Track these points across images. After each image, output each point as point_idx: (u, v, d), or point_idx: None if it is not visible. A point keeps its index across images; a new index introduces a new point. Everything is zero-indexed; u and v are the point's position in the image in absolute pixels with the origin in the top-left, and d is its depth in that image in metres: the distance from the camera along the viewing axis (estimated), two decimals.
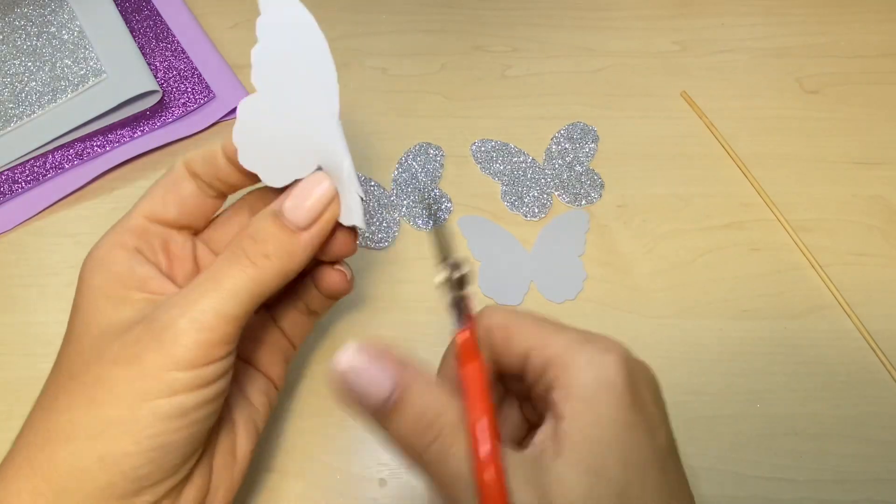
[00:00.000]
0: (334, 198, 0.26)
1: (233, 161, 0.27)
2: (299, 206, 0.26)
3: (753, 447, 0.36)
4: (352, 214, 0.27)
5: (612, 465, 0.21)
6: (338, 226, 0.27)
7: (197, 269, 0.30)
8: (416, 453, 0.22)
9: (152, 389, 0.23)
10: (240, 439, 0.28)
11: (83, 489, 0.23)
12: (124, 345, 0.24)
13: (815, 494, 0.34)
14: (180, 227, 0.29)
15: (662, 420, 0.24)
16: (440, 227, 0.25)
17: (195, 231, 0.30)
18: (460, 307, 0.25)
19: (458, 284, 0.25)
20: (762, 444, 0.36)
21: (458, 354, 0.23)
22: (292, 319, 0.32)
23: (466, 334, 0.24)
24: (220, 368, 0.24)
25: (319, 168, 0.27)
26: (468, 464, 0.21)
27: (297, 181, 0.27)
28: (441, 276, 0.25)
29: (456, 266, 0.25)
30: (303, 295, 0.31)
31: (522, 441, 0.26)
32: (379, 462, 0.35)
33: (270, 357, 0.31)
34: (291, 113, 0.25)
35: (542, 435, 0.23)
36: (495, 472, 0.20)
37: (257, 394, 0.30)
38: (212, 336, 0.24)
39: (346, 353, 0.22)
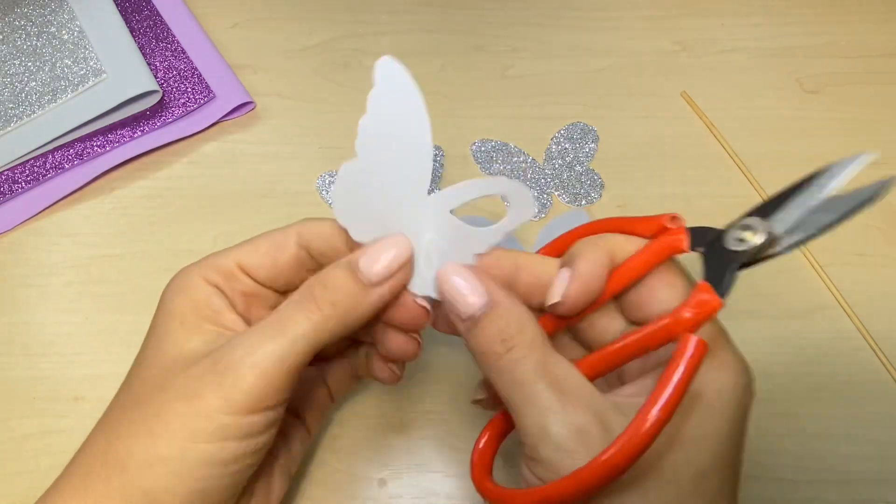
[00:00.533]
0: (407, 262, 0.26)
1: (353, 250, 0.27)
2: (373, 262, 0.26)
3: (753, 447, 0.36)
4: (424, 285, 0.27)
5: (710, 475, 0.25)
6: (410, 293, 0.27)
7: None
8: (491, 360, 0.24)
9: (205, 431, 0.23)
10: (275, 485, 0.29)
11: None
12: (188, 378, 0.24)
13: (816, 494, 0.34)
14: (267, 287, 0.29)
15: (743, 441, 0.27)
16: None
17: (282, 292, 0.30)
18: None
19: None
20: (762, 444, 0.36)
21: (686, 309, 0.24)
22: (338, 377, 0.33)
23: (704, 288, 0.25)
24: (272, 417, 0.25)
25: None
26: (534, 375, 0.23)
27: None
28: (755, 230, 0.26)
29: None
30: (352, 358, 0.32)
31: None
32: (379, 462, 0.35)
33: (312, 408, 0.32)
34: (385, 182, 0.27)
35: (631, 390, 0.25)
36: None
37: (296, 441, 0.31)
38: (270, 382, 0.24)
39: (453, 265, 0.25)
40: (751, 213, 0.25)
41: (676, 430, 0.24)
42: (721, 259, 0.25)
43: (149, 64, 0.44)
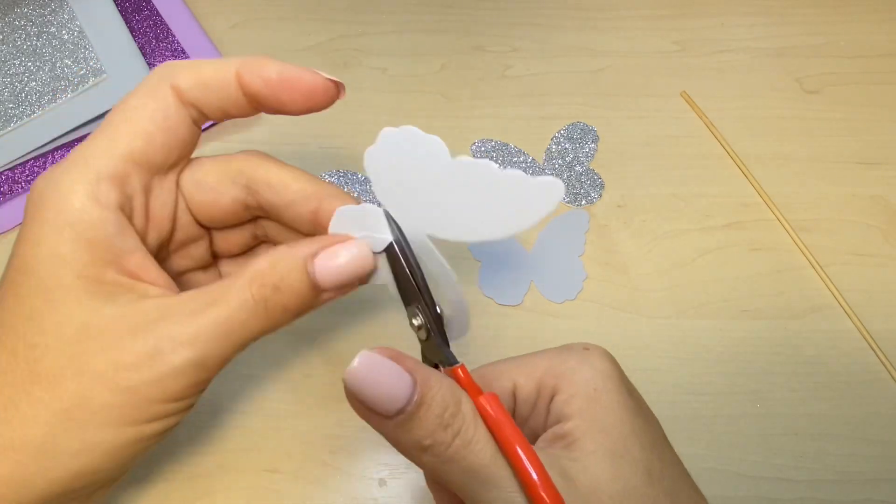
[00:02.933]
0: (366, 274, 0.25)
1: (250, 92, 0.25)
2: (331, 271, 0.24)
3: (753, 447, 0.36)
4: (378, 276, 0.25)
5: (631, 446, 0.23)
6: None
7: (172, 229, 0.27)
8: (439, 453, 0.21)
9: (140, 417, 0.22)
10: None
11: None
12: (118, 369, 0.22)
13: (815, 494, 0.34)
14: (166, 170, 0.25)
15: (647, 405, 0.26)
16: (411, 262, 0.24)
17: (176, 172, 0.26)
18: (447, 344, 0.24)
19: (439, 323, 0.24)
20: (762, 444, 0.36)
21: (463, 387, 0.23)
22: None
23: (464, 367, 0.23)
24: (201, 394, 0.24)
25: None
26: (490, 451, 0.21)
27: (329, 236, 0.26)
28: (418, 320, 0.24)
29: (432, 303, 0.24)
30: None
31: None
32: (379, 462, 0.35)
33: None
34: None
35: (542, 442, 0.24)
36: (553, 495, 0.20)
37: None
38: (209, 373, 0.23)
39: (361, 360, 0.21)
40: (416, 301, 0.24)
41: (587, 444, 0.23)
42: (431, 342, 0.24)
43: (149, 64, 0.44)
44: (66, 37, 0.44)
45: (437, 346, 0.24)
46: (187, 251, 0.29)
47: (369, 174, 0.25)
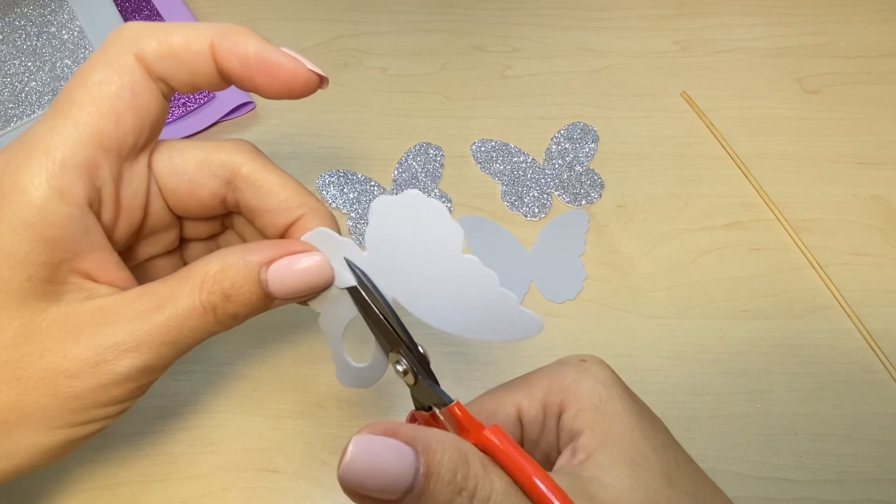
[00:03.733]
0: (321, 287, 0.24)
1: (224, 69, 0.23)
2: (285, 277, 0.23)
3: (753, 447, 0.36)
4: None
5: (645, 451, 0.22)
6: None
7: (143, 217, 0.25)
8: None
9: (77, 421, 0.22)
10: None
11: None
12: (59, 376, 0.21)
13: (815, 494, 0.34)
14: (137, 154, 0.23)
15: (650, 408, 0.25)
16: (382, 309, 0.23)
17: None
18: (437, 383, 0.23)
19: (425, 365, 0.23)
20: (762, 444, 0.36)
21: (463, 426, 0.22)
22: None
23: (460, 405, 0.22)
24: (143, 393, 0.23)
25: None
26: (511, 498, 0.20)
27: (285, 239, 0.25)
28: (403, 365, 0.23)
29: (414, 347, 0.23)
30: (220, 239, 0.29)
31: None
32: None
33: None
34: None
35: (563, 460, 0.23)
36: None
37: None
38: (152, 380, 0.23)
39: (354, 449, 0.18)
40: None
41: (595, 448, 0.22)
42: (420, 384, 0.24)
43: None
44: (66, 37, 0.44)
45: (427, 387, 0.23)
46: (156, 238, 0.27)
47: (370, 219, 0.23)
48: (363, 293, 0.24)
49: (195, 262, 0.23)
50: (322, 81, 0.24)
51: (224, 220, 0.29)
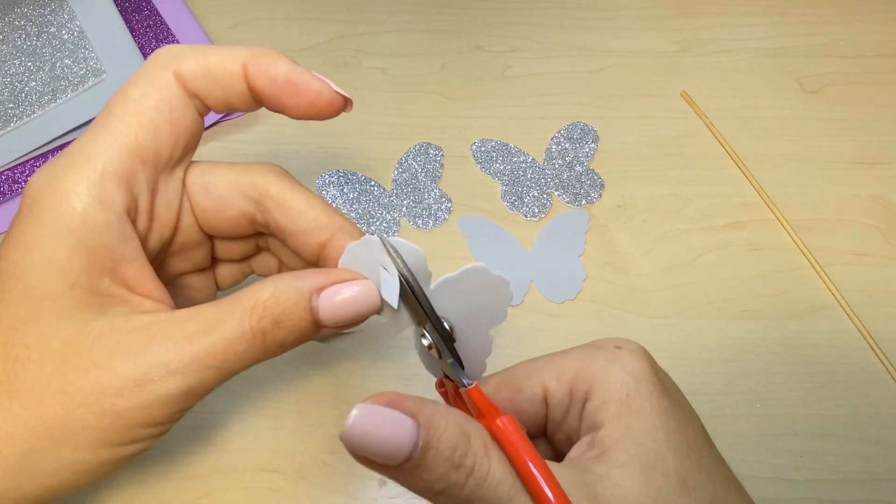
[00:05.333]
0: (369, 314, 0.23)
1: (255, 88, 0.24)
2: (334, 308, 0.23)
3: (753, 447, 0.36)
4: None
5: (665, 455, 0.21)
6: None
7: (174, 231, 0.25)
8: (455, 494, 0.20)
9: (121, 440, 0.22)
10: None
11: None
12: (105, 393, 0.21)
13: (815, 494, 0.34)
14: (172, 166, 0.24)
15: (687, 401, 0.24)
16: (411, 285, 0.23)
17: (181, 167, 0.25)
18: (460, 364, 0.23)
19: (448, 342, 0.23)
20: (762, 444, 0.36)
21: (480, 409, 0.22)
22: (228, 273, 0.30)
23: (479, 389, 0.22)
24: (183, 416, 0.23)
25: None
26: (508, 483, 0.20)
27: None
28: (427, 340, 0.23)
29: (439, 323, 0.23)
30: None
31: None
32: None
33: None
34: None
35: (578, 450, 0.23)
36: None
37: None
38: (195, 403, 0.22)
39: (356, 415, 0.19)
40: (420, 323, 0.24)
41: (610, 448, 0.22)
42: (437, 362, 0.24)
43: None
44: (66, 37, 0.44)
45: (449, 366, 0.23)
46: (187, 255, 0.27)
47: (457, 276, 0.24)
48: (396, 266, 0.23)
49: (246, 289, 0.23)
50: (346, 103, 0.25)
51: (258, 242, 0.29)
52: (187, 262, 0.28)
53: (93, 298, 0.21)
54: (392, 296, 0.23)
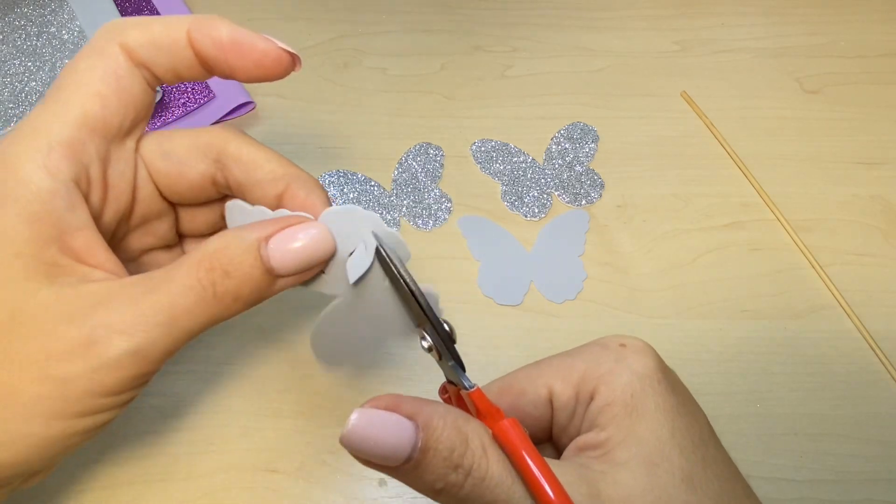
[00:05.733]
0: (325, 260, 0.23)
1: (200, 52, 0.24)
2: (286, 250, 0.22)
3: (753, 447, 0.36)
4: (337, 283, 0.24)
5: (670, 452, 0.21)
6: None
7: (132, 201, 0.25)
8: (454, 493, 0.20)
9: (72, 411, 0.21)
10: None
11: None
12: (49, 359, 0.20)
13: (815, 494, 0.34)
14: (123, 136, 0.24)
15: (693, 398, 0.24)
16: (409, 285, 0.23)
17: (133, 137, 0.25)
18: (461, 366, 0.23)
19: (449, 343, 0.23)
20: (762, 444, 0.36)
21: (482, 411, 0.22)
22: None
23: (480, 392, 0.22)
24: (141, 388, 0.23)
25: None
26: (507, 483, 0.20)
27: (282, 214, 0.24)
28: (427, 342, 0.23)
29: (439, 325, 0.23)
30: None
31: None
32: None
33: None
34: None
35: (578, 446, 0.23)
36: None
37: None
38: (147, 367, 0.22)
39: (355, 420, 0.19)
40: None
41: (617, 450, 0.22)
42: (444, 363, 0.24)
43: None
44: (66, 37, 0.44)
45: (450, 367, 0.23)
46: (150, 227, 0.27)
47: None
48: (392, 267, 0.23)
49: (194, 248, 0.23)
50: (294, 60, 0.25)
51: (224, 214, 0.29)
52: (151, 236, 0.27)
53: (39, 267, 0.21)
54: (355, 270, 0.23)
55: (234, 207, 0.26)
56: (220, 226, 0.29)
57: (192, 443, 0.34)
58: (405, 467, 0.20)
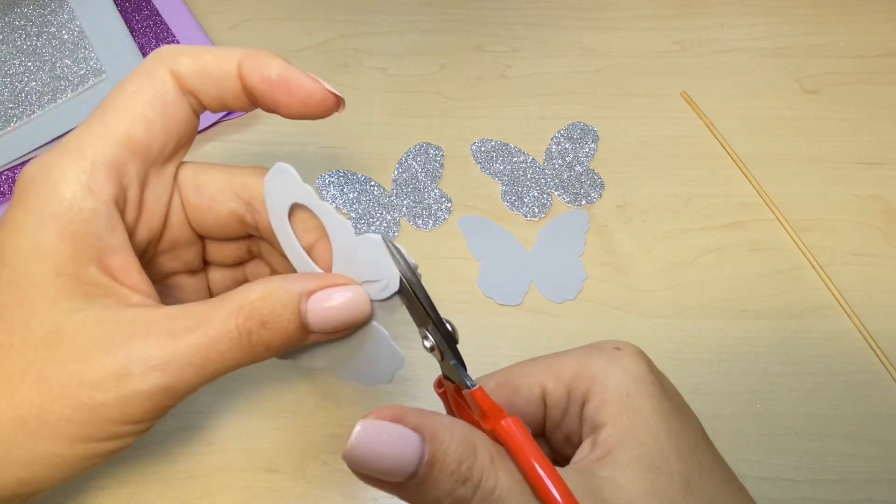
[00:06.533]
0: (361, 322, 0.23)
1: (248, 86, 0.24)
2: (325, 315, 0.22)
3: (753, 447, 0.36)
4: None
5: (668, 455, 0.21)
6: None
7: (163, 226, 0.25)
8: None
9: (97, 436, 0.21)
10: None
11: None
12: (83, 385, 0.21)
13: (815, 494, 0.34)
14: (164, 161, 0.24)
15: (686, 403, 0.24)
16: (412, 285, 0.23)
17: (173, 163, 0.25)
18: (463, 365, 0.23)
19: (451, 343, 0.23)
20: (762, 444, 0.36)
21: (484, 411, 0.22)
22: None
23: (483, 391, 0.22)
24: (161, 417, 0.23)
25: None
26: (517, 493, 0.20)
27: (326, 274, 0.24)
28: (429, 341, 0.23)
29: (441, 324, 0.23)
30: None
31: None
32: None
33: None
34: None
35: (582, 452, 0.23)
36: None
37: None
38: (173, 398, 0.22)
39: (359, 432, 0.19)
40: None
41: (614, 448, 0.22)
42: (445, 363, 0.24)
43: None
44: (66, 37, 0.44)
45: (452, 367, 0.23)
46: (177, 253, 0.27)
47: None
48: (405, 281, 0.23)
49: (236, 289, 0.23)
50: (339, 103, 0.25)
51: (251, 247, 0.29)
52: (178, 262, 0.28)
53: (78, 287, 0.21)
54: (383, 292, 0.23)
55: (279, 172, 0.24)
56: (244, 259, 0.29)
57: (191, 443, 0.34)
58: (410, 483, 0.19)
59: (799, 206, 0.42)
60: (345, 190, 0.42)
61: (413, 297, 0.23)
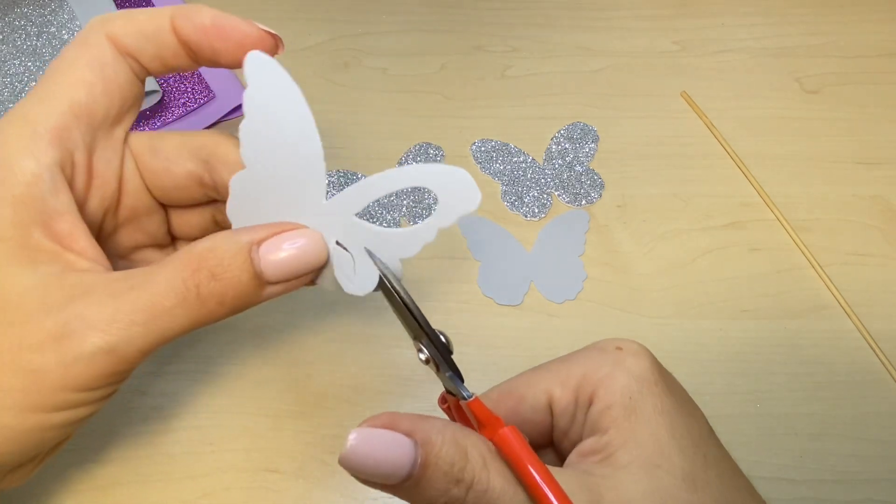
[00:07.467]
0: (318, 266, 0.23)
1: (184, 38, 0.24)
2: (279, 255, 0.22)
3: (753, 447, 0.36)
4: (329, 279, 0.24)
5: (670, 454, 0.21)
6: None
7: (118, 192, 0.25)
8: None
9: (45, 404, 0.20)
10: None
11: None
12: (22, 349, 0.20)
13: (815, 494, 0.34)
14: (110, 125, 0.24)
15: (691, 398, 0.25)
16: (403, 298, 0.23)
17: (122, 128, 0.25)
18: (459, 376, 0.23)
19: (446, 354, 0.23)
20: (762, 444, 0.36)
21: (481, 421, 0.22)
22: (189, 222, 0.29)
23: (479, 401, 0.22)
24: (118, 385, 0.22)
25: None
26: (510, 493, 0.20)
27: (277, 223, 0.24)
28: (424, 354, 0.23)
29: (435, 337, 0.23)
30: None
31: None
32: None
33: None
34: (278, 190, 0.23)
35: (580, 453, 0.23)
36: None
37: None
38: (122, 366, 0.21)
39: (354, 440, 0.19)
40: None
41: (617, 449, 0.22)
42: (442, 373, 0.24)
43: None
44: (66, 37, 0.44)
45: (448, 378, 0.23)
46: (140, 224, 0.27)
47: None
48: (388, 284, 0.23)
49: (184, 247, 0.22)
50: (277, 42, 0.24)
51: (216, 216, 0.29)
52: (141, 233, 0.27)
53: (22, 252, 0.21)
54: (366, 284, 0.23)
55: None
56: (211, 230, 0.29)
57: (191, 443, 0.34)
58: (405, 485, 0.20)
59: (799, 206, 0.42)
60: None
61: (404, 309, 0.23)
